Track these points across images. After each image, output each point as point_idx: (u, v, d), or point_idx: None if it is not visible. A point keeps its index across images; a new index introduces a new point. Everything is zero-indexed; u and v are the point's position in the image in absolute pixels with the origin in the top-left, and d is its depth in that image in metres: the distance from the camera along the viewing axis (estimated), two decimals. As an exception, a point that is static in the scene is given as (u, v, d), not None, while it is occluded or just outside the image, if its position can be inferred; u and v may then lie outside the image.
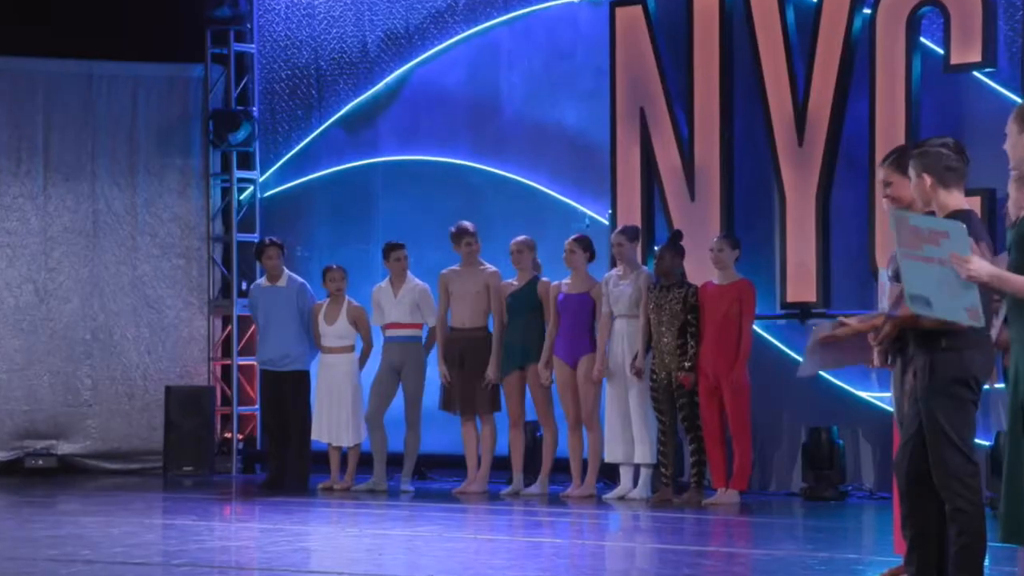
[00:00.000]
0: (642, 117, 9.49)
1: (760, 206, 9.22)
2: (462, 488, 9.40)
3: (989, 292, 4.35)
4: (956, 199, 4.56)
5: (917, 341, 4.57)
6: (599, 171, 9.78)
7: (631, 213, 9.49)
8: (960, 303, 4.12)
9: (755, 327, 9.07)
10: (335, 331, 9.74)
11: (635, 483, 8.87)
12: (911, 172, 4.60)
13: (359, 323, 9.69)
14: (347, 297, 9.84)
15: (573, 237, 8.96)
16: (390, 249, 9.58)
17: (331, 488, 9.69)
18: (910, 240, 4.16)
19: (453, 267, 9.47)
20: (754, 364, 9.14)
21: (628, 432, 8.78)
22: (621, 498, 8.82)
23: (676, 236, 8.87)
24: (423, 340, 9.53)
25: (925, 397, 4.52)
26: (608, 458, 8.92)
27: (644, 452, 8.76)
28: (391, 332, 9.53)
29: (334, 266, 9.91)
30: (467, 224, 9.39)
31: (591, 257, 9.00)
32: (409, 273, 9.62)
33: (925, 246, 4.12)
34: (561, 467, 9.12)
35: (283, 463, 9.81)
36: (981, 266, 4.10)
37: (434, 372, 9.52)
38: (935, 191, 4.53)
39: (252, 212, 11.62)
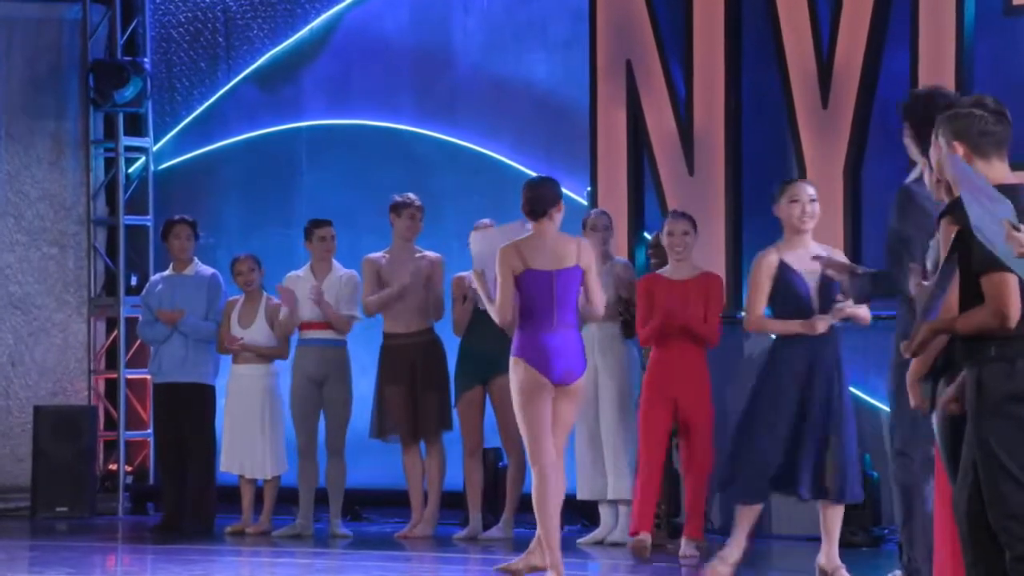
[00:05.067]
0: (629, 72, 9.46)
1: (774, 182, 9.17)
2: (406, 531, 9.35)
3: None
4: (998, 171, 4.53)
5: (963, 350, 4.57)
6: (575, 139, 9.76)
7: (615, 190, 9.48)
8: (1018, 263, 4.18)
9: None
10: (251, 336, 9.65)
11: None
12: (939, 140, 4.59)
13: (276, 324, 9.60)
14: (265, 293, 9.76)
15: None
16: (314, 227, 9.52)
17: (242, 532, 9.63)
18: (969, 186, 4.23)
19: (382, 252, 9.39)
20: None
21: (601, 462, 8.77)
22: (600, 542, 8.80)
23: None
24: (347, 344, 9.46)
25: (975, 420, 4.51)
26: (580, 494, 8.93)
27: (621, 486, 8.76)
28: (308, 334, 9.48)
29: (242, 256, 9.83)
30: (414, 196, 9.35)
31: None
32: (335, 260, 9.52)
33: (982, 197, 4.19)
34: (529, 505, 9.06)
35: (182, 501, 9.72)
36: None
37: (360, 387, 9.43)
38: (970, 163, 4.51)
39: (144, 189, 11.53)
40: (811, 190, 7.38)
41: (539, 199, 7.12)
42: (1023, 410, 4.45)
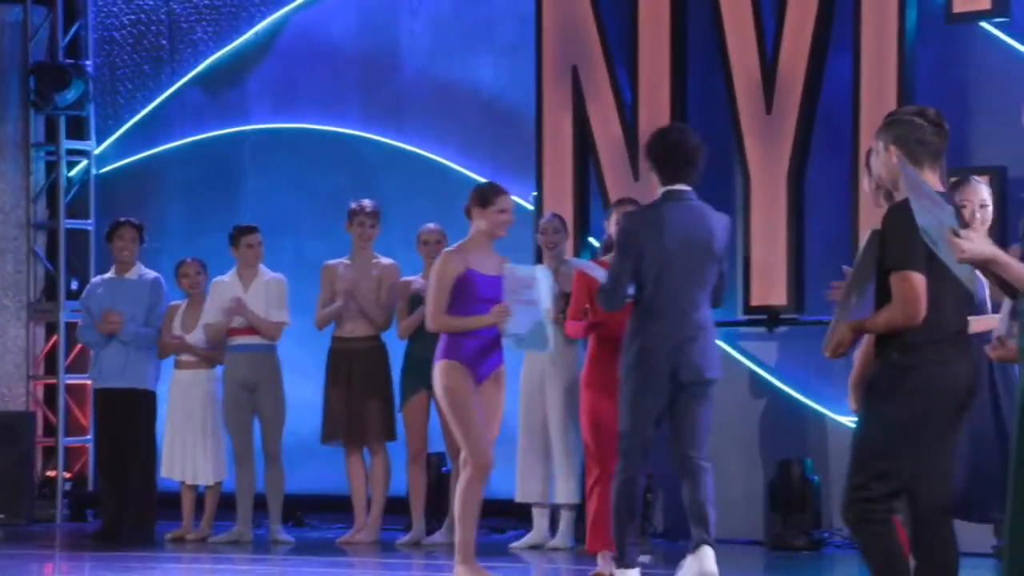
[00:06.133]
0: (575, 77, 9.53)
1: (719, 187, 9.21)
2: (348, 537, 9.39)
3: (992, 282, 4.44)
4: (929, 180, 4.64)
5: (875, 352, 4.70)
6: (521, 143, 9.82)
7: (561, 195, 9.53)
8: (960, 268, 4.31)
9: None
10: (193, 341, 9.65)
11: (553, 529, 8.87)
12: (879, 144, 4.74)
13: (206, 328, 9.61)
14: (208, 298, 9.76)
15: None
16: (241, 233, 9.56)
17: (183, 538, 9.64)
18: (915, 192, 4.39)
19: (341, 259, 9.45)
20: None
21: (546, 464, 8.77)
22: (536, 547, 8.82)
23: None
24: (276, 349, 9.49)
25: (862, 416, 4.69)
26: (520, 497, 8.93)
27: (569, 490, 8.75)
28: (238, 340, 9.51)
29: (188, 259, 9.84)
30: (370, 202, 9.37)
31: None
32: (262, 265, 9.56)
33: (927, 203, 4.31)
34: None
35: (122, 507, 9.70)
36: (976, 246, 4.18)
37: (304, 392, 9.44)
38: (904, 168, 4.61)
39: (85, 192, 11.50)
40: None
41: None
42: (892, 406, 4.57)
